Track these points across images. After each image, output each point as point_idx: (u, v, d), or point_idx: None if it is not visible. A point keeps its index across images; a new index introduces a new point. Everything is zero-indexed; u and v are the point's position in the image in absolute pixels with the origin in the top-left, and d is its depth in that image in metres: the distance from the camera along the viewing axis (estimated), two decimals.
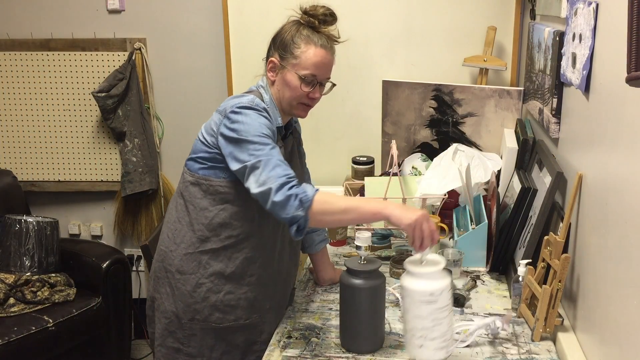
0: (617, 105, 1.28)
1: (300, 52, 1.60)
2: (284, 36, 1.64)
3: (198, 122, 3.17)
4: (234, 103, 1.58)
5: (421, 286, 1.37)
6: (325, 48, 1.62)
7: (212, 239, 1.64)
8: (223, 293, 1.66)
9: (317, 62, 1.60)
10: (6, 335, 2.42)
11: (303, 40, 1.61)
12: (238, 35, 2.94)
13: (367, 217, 1.49)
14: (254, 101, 1.58)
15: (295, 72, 1.60)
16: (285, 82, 1.63)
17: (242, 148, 1.50)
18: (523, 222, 1.84)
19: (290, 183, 1.44)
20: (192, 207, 1.65)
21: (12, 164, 3.29)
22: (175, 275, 1.68)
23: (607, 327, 1.31)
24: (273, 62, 1.65)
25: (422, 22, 2.81)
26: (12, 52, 3.16)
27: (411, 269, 1.39)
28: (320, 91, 1.65)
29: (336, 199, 1.48)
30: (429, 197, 2.22)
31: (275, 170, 1.45)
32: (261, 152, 1.48)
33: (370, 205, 1.46)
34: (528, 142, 2.07)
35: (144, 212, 3.29)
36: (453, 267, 1.91)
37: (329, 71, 1.65)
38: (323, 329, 1.65)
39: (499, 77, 2.80)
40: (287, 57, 1.61)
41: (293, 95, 1.62)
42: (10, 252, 2.71)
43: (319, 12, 1.63)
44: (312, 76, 1.61)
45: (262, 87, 1.69)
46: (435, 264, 1.40)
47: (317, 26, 1.63)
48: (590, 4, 1.47)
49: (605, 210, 1.34)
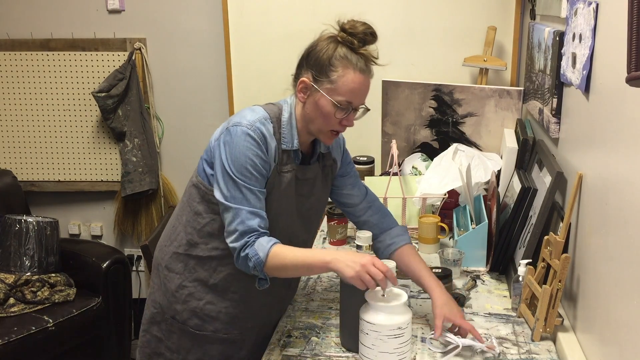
0: (617, 105, 1.28)
1: (337, 77, 1.46)
2: (319, 55, 1.48)
3: (198, 122, 3.21)
4: (236, 120, 1.49)
5: (389, 320, 1.38)
6: (364, 72, 1.48)
7: (201, 246, 1.59)
8: (204, 302, 1.61)
9: (355, 89, 1.47)
10: (6, 335, 2.42)
11: (341, 63, 1.46)
12: (238, 35, 2.94)
13: (317, 271, 1.50)
14: (254, 125, 1.47)
15: (330, 97, 1.47)
16: (318, 106, 1.49)
17: (225, 179, 1.47)
18: (523, 222, 1.84)
19: (247, 243, 1.45)
20: (189, 209, 1.61)
21: (12, 164, 3.29)
22: (163, 271, 1.66)
23: (607, 327, 1.31)
24: (305, 83, 1.50)
25: (422, 22, 2.81)
26: (12, 52, 3.16)
27: (376, 303, 1.39)
28: (353, 117, 1.53)
29: (287, 255, 1.45)
30: (429, 196, 2.22)
31: (241, 225, 1.45)
32: (237, 196, 1.45)
33: (317, 259, 1.45)
34: (528, 142, 2.07)
35: (144, 212, 3.29)
36: (453, 267, 1.91)
37: (365, 96, 1.52)
38: (323, 328, 1.65)
39: (499, 77, 2.80)
40: (321, 80, 1.47)
41: (324, 121, 1.50)
42: (10, 252, 2.71)
43: (358, 31, 1.48)
44: (348, 103, 1.48)
45: (286, 103, 1.57)
46: (398, 297, 1.42)
47: (356, 46, 1.47)
48: (590, 4, 1.47)
49: (605, 210, 1.34)
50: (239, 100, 3.02)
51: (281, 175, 1.53)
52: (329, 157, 1.68)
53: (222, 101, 3.09)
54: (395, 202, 2.26)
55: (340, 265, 1.40)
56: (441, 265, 1.93)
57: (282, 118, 1.53)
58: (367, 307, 1.42)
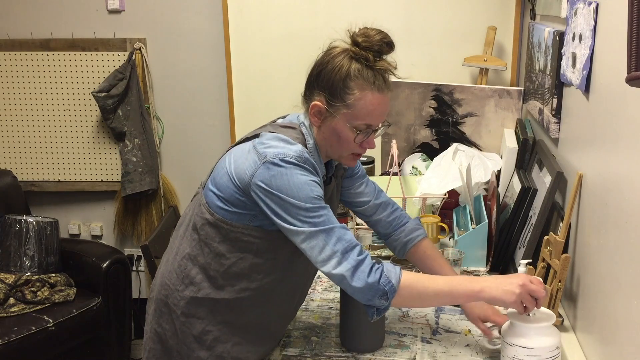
0: (617, 105, 1.28)
1: (353, 100, 1.32)
2: (331, 76, 1.34)
3: (198, 122, 3.21)
4: (277, 152, 1.31)
5: (547, 342, 1.27)
6: (383, 91, 1.34)
7: (227, 288, 1.43)
8: (231, 344, 1.47)
9: (374, 111, 1.34)
10: (6, 335, 2.42)
11: (356, 85, 1.32)
12: (238, 35, 2.94)
13: (462, 301, 1.39)
14: (302, 155, 1.31)
15: (348, 123, 1.34)
16: (335, 131, 1.36)
17: (290, 211, 1.29)
18: (523, 222, 1.84)
19: (365, 262, 1.28)
20: (208, 250, 1.42)
21: (12, 164, 3.29)
22: (180, 318, 1.46)
23: (607, 327, 1.31)
24: (318, 107, 1.36)
25: (422, 22, 2.81)
26: (12, 52, 3.16)
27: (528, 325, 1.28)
28: (374, 138, 1.41)
29: (426, 284, 1.31)
30: (429, 196, 2.22)
31: (339, 244, 1.28)
32: (318, 220, 1.28)
33: (464, 287, 1.32)
34: (528, 142, 2.07)
35: (144, 212, 3.29)
36: (453, 266, 1.90)
37: (386, 114, 1.39)
38: (323, 328, 1.65)
39: (499, 77, 2.80)
40: (336, 105, 1.34)
41: (344, 147, 1.38)
42: (10, 252, 2.71)
43: (373, 42, 1.32)
44: (368, 126, 1.36)
45: (304, 125, 1.42)
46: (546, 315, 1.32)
47: (372, 62, 1.33)
48: (590, 4, 1.47)
49: (605, 210, 1.34)
50: (239, 100, 3.02)
51: None
52: (340, 168, 1.58)
53: (222, 101, 3.09)
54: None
55: (496, 292, 1.29)
56: None
57: (308, 145, 1.39)
58: (516, 331, 1.30)
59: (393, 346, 1.55)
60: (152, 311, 1.55)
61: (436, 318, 1.69)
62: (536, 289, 1.28)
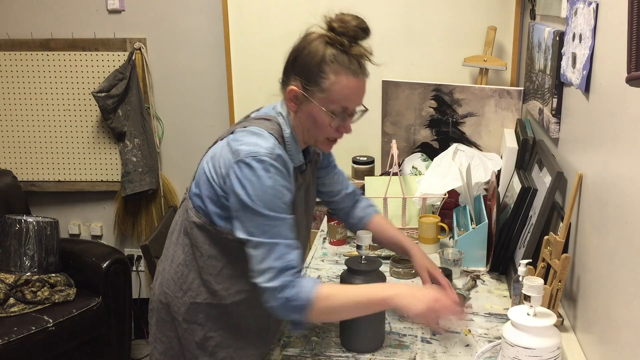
0: (617, 105, 1.28)
1: (328, 84, 1.34)
2: (306, 61, 1.35)
3: (198, 122, 3.21)
4: (250, 150, 1.31)
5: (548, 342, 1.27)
6: (358, 74, 1.35)
7: (223, 292, 1.44)
8: (233, 349, 1.48)
9: (349, 94, 1.36)
10: (6, 335, 2.42)
11: (331, 68, 1.33)
12: (238, 35, 2.94)
13: (375, 309, 1.39)
14: (274, 152, 1.32)
15: (323, 107, 1.35)
16: (311, 116, 1.38)
17: (249, 217, 1.30)
18: (523, 222, 1.84)
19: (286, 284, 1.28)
20: (199, 254, 1.43)
21: (12, 164, 3.30)
22: (182, 325, 1.47)
23: (607, 327, 1.31)
24: (294, 91, 1.38)
25: (422, 22, 2.81)
26: (12, 52, 3.16)
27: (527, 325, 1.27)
28: (350, 123, 1.42)
29: (337, 297, 1.32)
30: (429, 196, 2.22)
31: (278, 261, 1.29)
32: (271, 230, 1.29)
33: (381, 294, 1.33)
34: (528, 142, 2.07)
35: (144, 212, 3.29)
36: (453, 266, 1.91)
37: (362, 98, 1.40)
38: (323, 328, 1.65)
39: (499, 77, 2.80)
40: (312, 89, 1.35)
41: (320, 131, 1.40)
42: (10, 252, 2.72)
43: (349, 28, 1.34)
44: (343, 109, 1.37)
45: (281, 115, 1.43)
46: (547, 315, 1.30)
47: (347, 46, 1.34)
48: (590, 4, 1.47)
49: (605, 210, 1.34)
50: (239, 100, 3.02)
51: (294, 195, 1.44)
52: (315, 153, 1.60)
53: (222, 101, 3.09)
54: (395, 202, 2.26)
55: (406, 301, 1.31)
56: (441, 265, 1.93)
57: (284, 135, 1.41)
58: (517, 331, 1.29)
59: (393, 346, 1.55)
60: (154, 322, 1.56)
61: None
62: (445, 304, 1.33)
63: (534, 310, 1.29)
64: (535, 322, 1.28)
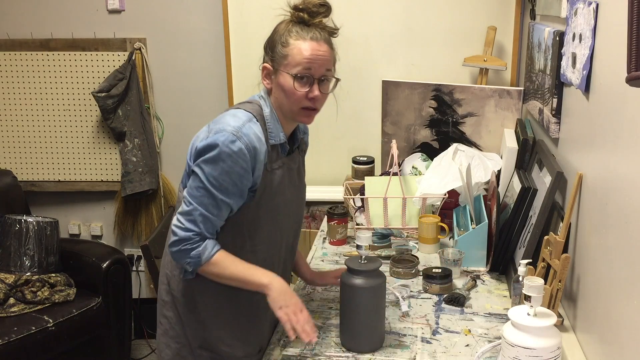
0: (617, 105, 1.28)
1: (289, 50, 1.45)
2: (273, 38, 1.50)
3: (198, 122, 3.18)
4: (218, 128, 1.43)
5: (549, 342, 1.27)
6: (317, 40, 1.45)
7: None
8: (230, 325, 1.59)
9: (309, 56, 1.44)
10: (6, 335, 2.42)
11: (292, 37, 1.45)
12: (238, 35, 2.94)
13: (251, 288, 1.49)
14: (240, 130, 1.42)
15: (287, 72, 1.45)
16: (280, 86, 1.47)
17: (197, 182, 1.43)
18: (523, 222, 1.84)
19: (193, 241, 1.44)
20: None
21: (12, 164, 3.29)
22: (180, 300, 1.57)
23: (607, 327, 1.31)
24: (266, 68, 1.52)
25: (422, 22, 2.81)
26: (12, 52, 3.16)
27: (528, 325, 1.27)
28: (321, 89, 1.47)
29: (227, 266, 1.46)
30: (429, 196, 2.23)
31: (196, 224, 1.43)
32: (203, 201, 1.42)
33: (255, 278, 1.46)
34: (528, 142, 2.07)
35: (144, 212, 3.29)
36: (453, 266, 1.91)
37: (326, 65, 1.47)
38: (323, 328, 1.65)
39: (499, 77, 2.80)
40: (277, 59, 1.47)
41: (291, 99, 1.47)
42: (10, 252, 2.72)
43: (309, 4, 1.46)
44: (306, 71, 1.45)
45: (262, 98, 1.54)
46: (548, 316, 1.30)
47: (307, 20, 1.46)
48: (590, 4, 1.47)
49: (605, 210, 1.34)
50: (239, 100, 2.99)
51: (272, 173, 1.51)
52: (303, 141, 1.69)
53: (222, 101, 3.09)
54: (395, 202, 2.26)
55: (274, 294, 1.44)
56: (441, 265, 1.93)
57: (264, 114, 1.50)
58: (517, 331, 1.30)
59: (393, 346, 1.55)
60: (158, 305, 1.66)
61: (436, 318, 1.69)
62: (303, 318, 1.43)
63: (534, 310, 1.29)
64: (536, 322, 1.28)
